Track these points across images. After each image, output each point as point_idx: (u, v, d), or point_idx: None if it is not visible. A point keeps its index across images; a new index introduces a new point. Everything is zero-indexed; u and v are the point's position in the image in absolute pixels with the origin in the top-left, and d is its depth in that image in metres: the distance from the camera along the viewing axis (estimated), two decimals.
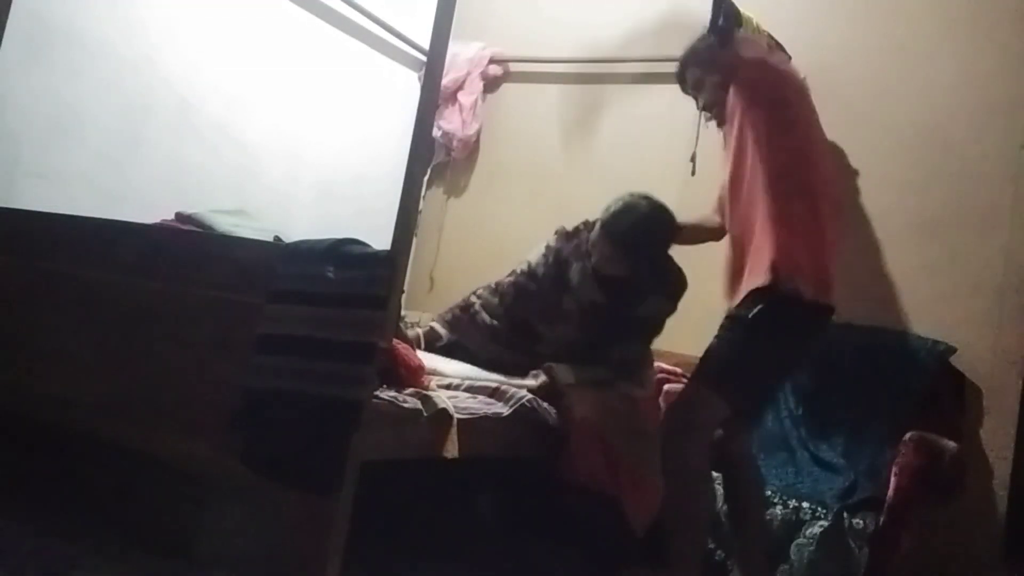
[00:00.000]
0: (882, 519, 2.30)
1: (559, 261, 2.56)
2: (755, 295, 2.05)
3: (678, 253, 2.59)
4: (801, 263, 2.02)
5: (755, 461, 2.36)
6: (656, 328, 2.56)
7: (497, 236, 3.68)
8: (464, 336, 2.58)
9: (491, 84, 3.97)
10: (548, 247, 2.60)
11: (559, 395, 2.30)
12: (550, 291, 2.54)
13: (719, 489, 2.53)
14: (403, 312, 2.81)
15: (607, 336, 2.48)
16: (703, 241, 2.50)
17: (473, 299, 2.65)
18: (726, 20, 2.17)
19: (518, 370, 2.43)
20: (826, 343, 2.19)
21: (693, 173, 2.50)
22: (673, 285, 2.50)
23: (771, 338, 2.04)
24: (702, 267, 2.49)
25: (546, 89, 3.88)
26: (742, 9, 3.00)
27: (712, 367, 2.12)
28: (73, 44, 2.74)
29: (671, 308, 2.52)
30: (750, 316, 2.05)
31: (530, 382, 2.33)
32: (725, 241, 2.34)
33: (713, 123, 2.39)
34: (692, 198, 2.56)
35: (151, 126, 3.00)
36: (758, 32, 3.03)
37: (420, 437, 1.83)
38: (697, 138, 2.48)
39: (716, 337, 2.14)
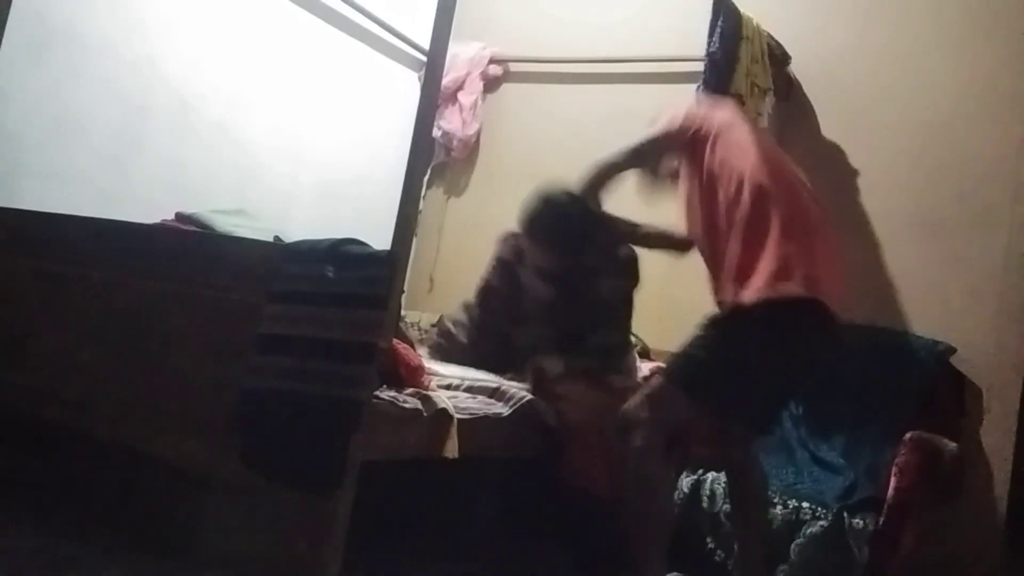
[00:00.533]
0: (882, 519, 2.30)
1: (505, 266, 2.64)
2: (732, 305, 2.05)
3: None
4: (769, 274, 1.97)
5: (759, 466, 2.34)
6: (625, 308, 2.57)
7: (497, 236, 3.67)
8: (447, 358, 2.58)
9: (491, 84, 3.96)
10: (495, 258, 2.68)
11: (550, 390, 2.31)
12: (509, 296, 2.60)
13: (719, 489, 2.54)
14: (403, 312, 2.82)
15: (578, 326, 2.50)
16: (668, 249, 2.48)
17: (447, 323, 2.72)
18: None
19: (507, 372, 2.44)
20: (830, 346, 2.17)
21: None
22: (621, 262, 2.52)
23: (744, 338, 2.00)
24: (699, 266, 2.48)
25: (546, 89, 3.88)
26: (742, 9, 3.01)
27: (673, 363, 2.11)
28: (73, 44, 2.74)
29: (630, 284, 2.54)
30: (717, 317, 2.07)
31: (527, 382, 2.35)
32: None
33: None
34: None
35: (151, 126, 3.00)
36: (758, 32, 3.03)
37: (420, 437, 1.83)
38: None
39: (690, 336, 2.13)
